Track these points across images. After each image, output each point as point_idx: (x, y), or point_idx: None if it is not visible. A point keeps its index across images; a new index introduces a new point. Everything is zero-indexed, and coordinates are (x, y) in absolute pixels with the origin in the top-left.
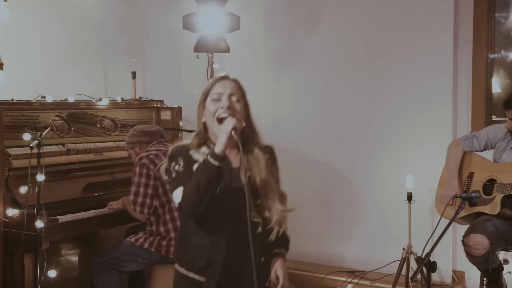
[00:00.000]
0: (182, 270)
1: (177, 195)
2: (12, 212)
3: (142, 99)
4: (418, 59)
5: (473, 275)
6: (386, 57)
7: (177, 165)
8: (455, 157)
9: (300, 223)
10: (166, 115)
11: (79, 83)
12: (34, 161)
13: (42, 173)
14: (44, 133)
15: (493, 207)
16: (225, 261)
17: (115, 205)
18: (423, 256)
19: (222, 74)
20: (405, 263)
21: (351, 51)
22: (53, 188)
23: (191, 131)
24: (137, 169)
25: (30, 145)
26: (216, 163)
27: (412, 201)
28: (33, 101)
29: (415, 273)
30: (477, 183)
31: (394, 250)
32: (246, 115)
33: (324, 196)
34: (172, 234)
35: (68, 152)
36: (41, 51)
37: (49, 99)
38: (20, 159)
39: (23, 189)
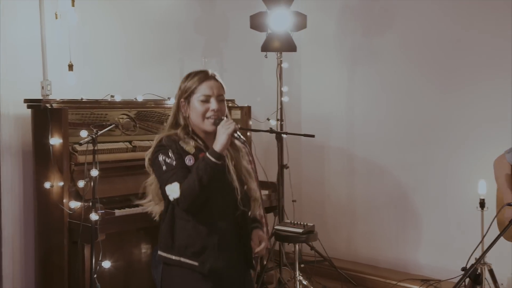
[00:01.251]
0: (171, 256)
1: (174, 190)
2: (74, 204)
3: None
4: (495, 57)
5: None
6: (461, 55)
7: (167, 158)
8: (502, 171)
9: (374, 227)
10: (236, 114)
11: (154, 83)
12: (99, 157)
13: (96, 168)
14: (102, 131)
15: None
16: (218, 246)
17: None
18: (467, 267)
19: (205, 71)
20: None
21: (426, 48)
22: (117, 183)
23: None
24: None
25: (80, 142)
26: (216, 161)
27: (485, 208)
28: (101, 100)
29: (458, 285)
30: None
31: (472, 259)
32: (226, 110)
33: (398, 200)
34: None
35: (134, 149)
36: (119, 52)
37: (117, 98)
38: (86, 155)
39: (81, 183)
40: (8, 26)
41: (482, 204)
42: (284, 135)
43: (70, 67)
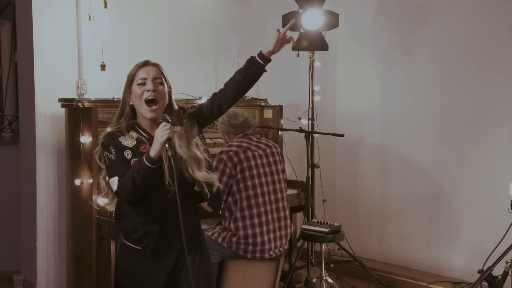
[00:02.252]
0: (122, 238)
1: (114, 183)
2: (102, 201)
3: (247, 97)
4: None
5: None
6: (497, 53)
7: (109, 153)
8: None
9: (407, 228)
10: (268, 113)
11: (189, 83)
12: None
13: None
14: None
15: None
16: (160, 231)
17: None
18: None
19: (142, 61)
20: (507, 278)
21: (462, 47)
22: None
23: (288, 130)
24: (215, 163)
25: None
26: (150, 165)
27: None
28: None
29: (474, 286)
30: None
31: (503, 262)
32: (169, 96)
33: (432, 200)
34: (241, 233)
35: None
36: (151, 51)
37: None
38: None
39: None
40: (45, 28)
41: None
42: (315, 135)
43: (103, 67)
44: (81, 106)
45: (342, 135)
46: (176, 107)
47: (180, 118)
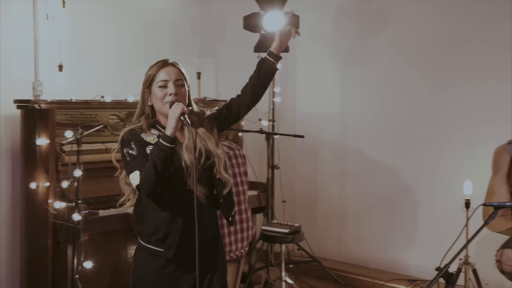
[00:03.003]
0: (141, 242)
1: (135, 178)
2: (59, 205)
3: (207, 99)
4: (487, 58)
5: None
6: (453, 56)
7: (130, 149)
8: (501, 162)
9: (364, 228)
10: None
11: None
12: (87, 157)
13: (80, 169)
14: (88, 132)
15: None
16: (182, 232)
17: None
18: (441, 267)
19: (164, 59)
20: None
21: (419, 49)
22: (104, 183)
23: (249, 131)
24: None
25: (62, 142)
26: (168, 144)
27: (470, 209)
28: (91, 100)
29: (431, 284)
30: None
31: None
32: (188, 95)
33: (389, 200)
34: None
35: None
36: (111, 52)
37: (108, 99)
38: (72, 155)
39: (64, 184)
40: (1, 27)
41: (467, 204)
42: (275, 136)
43: (60, 67)
44: (38, 108)
45: (302, 136)
46: (195, 106)
47: (201, 117)
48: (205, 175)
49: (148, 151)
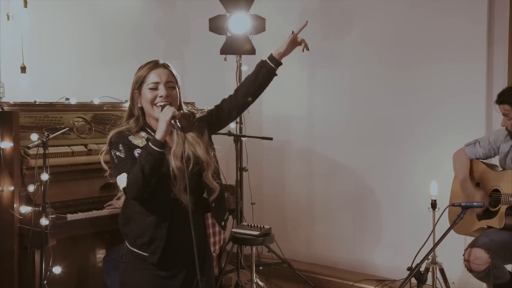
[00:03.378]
0: (127, 245)
1: (122, 180)
2: (25, 209)
3: None
4: (451, 59)
5: None
6: (419, 57)
7: (118, 151)
8: (462, 164)
9: (332, 229)
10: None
11: (111, 86)
12: (53, 161)
13: (47, 172)
14: (53, 135)
15: (499, 220)
16: (168, 237)
17: (116, 203)
18: (413, 267)
19: (155, 60)
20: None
21: (384, 51)
22: (71, 187)
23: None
24: None
25: (27, 146)
26: (157, 149)
27: (436, 209)
28: (56, 103)
29: (404, 284)
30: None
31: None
32: (179, 97)
33: (356, 201)
34: None
35: (90, 152)
36: (74, 54)
37: (73, 101)
38: (38, 158)
39: (31, 188)
40: None
41: (433, 205)
42: (243, 138)
43: (23, 69)
44: (0, 110)
45: (271, 139)
46: (185, 108)
47: (191, 121)
48: (194, 181)
49: (136, 154)
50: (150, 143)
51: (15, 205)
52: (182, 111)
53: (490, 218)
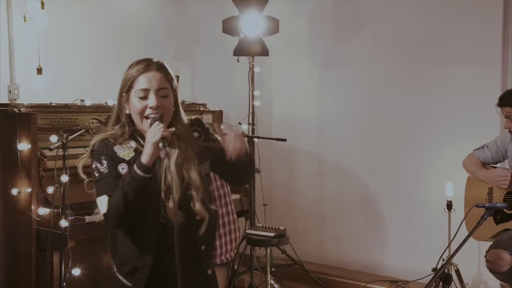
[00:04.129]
0: (115, 270)
1: (102, 204)
2: (43, 211)
3: (185, 102)
4: (465, 61)
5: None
6: (432, 59)
7: (100, 164)
8: (474, 164)
9: (343, 230)
10: (208, 119)
11: None
12: (70, 162)
13: (67, 174)
14: (72, 136)
15: None
16: (153, 267)
17: None
18: (438, 268)
19: (147, 59)
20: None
21: (396, 53)
22: (86, 189)
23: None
24: None
25: (50, 147)
26: (142, 174)
27: (452, 210)
28: (71, 104)
29: (429, 285)
30: (498, 199)
31: (437, 260)
32: (175, 103)
33: (368, 202)
34: None
35: None
36: (88, 55)
37: (87, 103)
38: (55, 160)
39: (50, 189)
40: None
41: (449, 206)
42: (256, 139)
43: (39, 70)
44: (18, 112)
45: (285, 140)
46: (184, 116)
47: (188, 130)
48: (185, 205)
49: (121, 170)
50: (135, 166)
51: (32, 207)
52: (173, 129)
53: (508, 221)
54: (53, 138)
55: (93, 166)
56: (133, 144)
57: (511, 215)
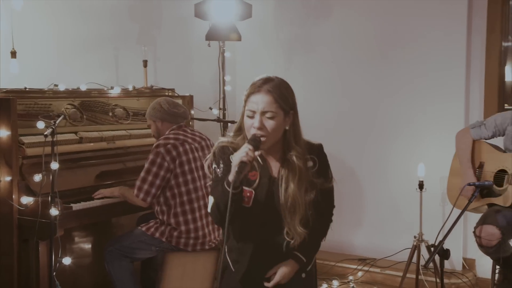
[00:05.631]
0: (225, 251)
1: (209, 203)
2: (26, 200)
3: (154, 87)
4: (431, 48)
5: (483, 262)
6: (398, 45)
7: (218, 168)
8: (466, 146)
9: None
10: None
11: (91, 72)
12: (48, 149)
13: (56, 161)
14: (58, 121)
15: (505, 199)
16: (249, 265)
17: (107, 193)
18: (436, 244)
19: (258, 81)
20: (416, 251)
21: (363, 39)
22: (65, 176)
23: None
24: (152, 156)
25: (45, 133)
26: (228, 189)
27: (423, 190)
28: (46, 89)
29: (429, 261)
30: (488, 174)
31: (404, 238)
32: (291, 121)
33: (335, 185)
34: (183, 227)
35: (81, 140)
36: (54, 40)
37: (61, 88)
38: (34, 147)
39: (37, 177)
40: None
41: (421, 186)
42: (230, 124)
43: (13, 54)
44: None
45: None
46: (300, 139)
47: (303, 156)
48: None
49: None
50: (225, 181)
51: (13, 196)
52: (259, 153)
53: (494, 197)
54: (40, 125)
55: (213, 166)
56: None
57: (500, 191)
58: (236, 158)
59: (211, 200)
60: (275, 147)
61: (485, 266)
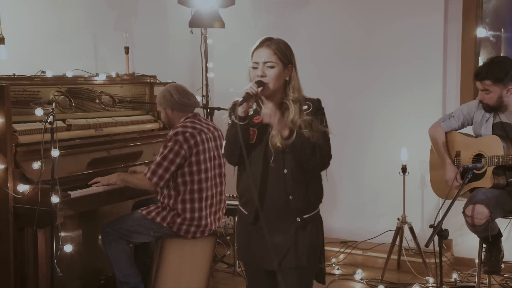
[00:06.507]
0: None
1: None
2: (23, 188)
3: (136, 74)
4: (409, 35)
5: (459, 242)
6: (376, 33)
7: (230, 121)
8: (439, 139)
9: None
10: (159, 90)
11: (70, 59)
12: (44, 137)
13: (56, 148)
14: (53, 108)
15: (486, 181)
16: (259, 201)
17: (104, 181)
18: (435, 224)
19: (263, 38)
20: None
21: (341, 27)
22: (58, 164)
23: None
24: (170, 144)
25: (48, 121)
26: (236, 120)
27: (406, 173)
28: (34, 76)
29: (429, 241)
30: (466, 161)
31: (385, 220)
32: (290, 74)
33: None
34: (188, 215)
35: (69, 127)
36: (33, 27)
37: (48, 74)
38: (26, 135)
39: (36, 165)
40: None
41: (404, 169)
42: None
43: (2, 40)
44: None
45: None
46: (302, 92)
47: (301, 104)
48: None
49: None
50: (233, 116)
51: (9, 184)
52: (262, 88)
53: (477, 181)
54: (39, 112)
55: (228, 120)
56: (254, 105)
57: (479, 175)
58: (242, 92)
59: (224, 143)
60: (275, 96)
61: (461, 246)
